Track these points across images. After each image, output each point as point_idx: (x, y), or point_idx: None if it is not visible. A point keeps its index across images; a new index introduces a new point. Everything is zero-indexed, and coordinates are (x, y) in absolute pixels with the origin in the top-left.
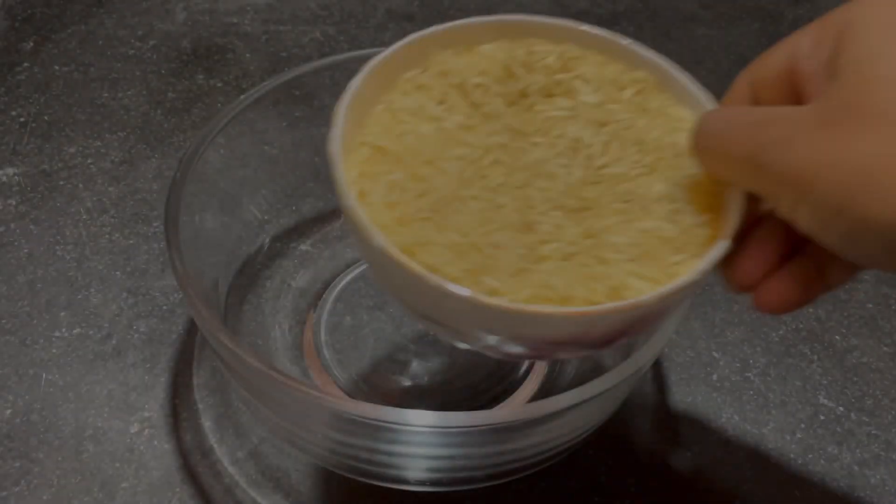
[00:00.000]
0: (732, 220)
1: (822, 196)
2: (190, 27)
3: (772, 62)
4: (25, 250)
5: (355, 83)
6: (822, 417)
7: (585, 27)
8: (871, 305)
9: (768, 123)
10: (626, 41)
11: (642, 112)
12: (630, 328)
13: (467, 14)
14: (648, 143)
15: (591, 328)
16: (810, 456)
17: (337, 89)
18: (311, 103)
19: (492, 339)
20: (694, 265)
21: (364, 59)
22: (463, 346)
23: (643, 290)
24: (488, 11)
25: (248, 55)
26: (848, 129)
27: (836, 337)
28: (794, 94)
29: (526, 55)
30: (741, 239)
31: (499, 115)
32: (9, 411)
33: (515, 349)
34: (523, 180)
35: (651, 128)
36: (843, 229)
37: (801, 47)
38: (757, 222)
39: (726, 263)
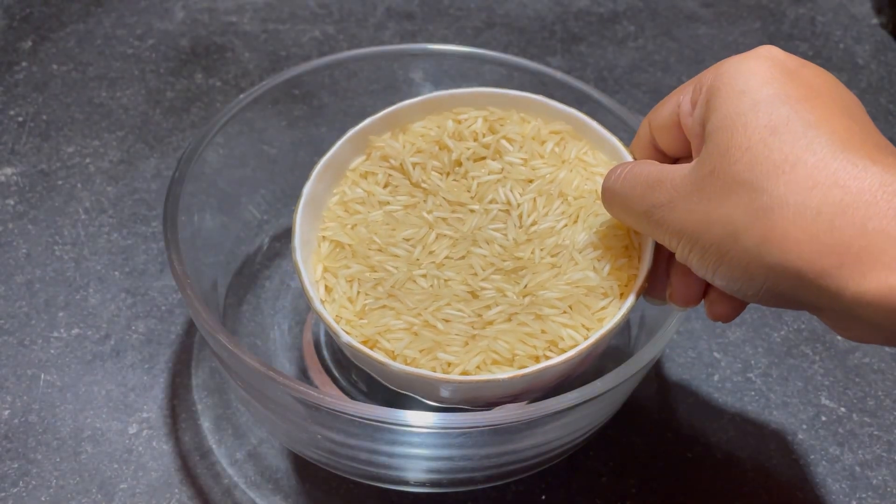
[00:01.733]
0: (646, 259)
1: (703, 250)
2: (189, 26)
3: (664, 112)
4: (23, 250)
5: (308, 188)
6: (823, 418)
7: (501, 91)
8: None
9: (656, 186)
10: (537, 98)
11: (562, 163)
12: (572, 371)
13: (466, 12)
14: (570, 193)
15: (534, 382)
16: (812, 457)
17: (336, 88)
18: (311, 102)
19: (459, 401)
20: (618, 308)
21: (364, 59)
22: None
23: (577, 340)
24: (487, 10)
25: (246, 54)
26: (715, 195)
27: (838, 337)
28: (683, 138)
29: (455, 125)
30: (669, 263)
31: (437, 190)
32: (7, 412)
33: (478, 404)
34: (465, 249)
35: (571, 178)
36: (725, 276)
37: (683, 104)
38: None
39: (669, 289)
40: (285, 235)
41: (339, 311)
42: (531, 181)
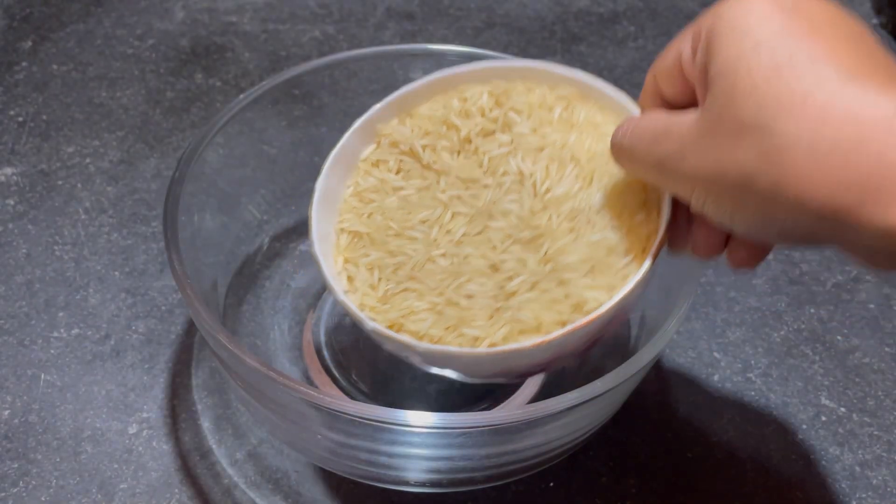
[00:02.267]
0: (665, 212)
1: (718, 198)
2: (189, 26)
3: (667, 60)
4: (24, 250)
5: (320, 182)
6: (823, 418)
7: (502, 62)
8: (872, 306)
9: (664, 137)
10: (540, 65)
11: (571, 127)
12: (602, 332)
13: (466, 12)
14: (582, 156)
15: (563, 348)
16: (812, 457)
17: (336, 88)
18: (311, 102)
19: (490, 374)
20: (640, 265)
21: (364, 59)
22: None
23: (602, 300)
24: (487, 10)
25: (246, 54)
26: (725, 141)
27: (838, 337)
28: (688, 85)
29: (461, 103)
30: (689, 214)
31: (449, 169)
32: (7, 412)
33: (512, 376)
34: (482, 224)
35: (582, 141)
36: (743, 222)
37: (683, 51)
38: None
39: (691, 240)
40: (285, 235)
41: (363, 300)
42: (542, 149)
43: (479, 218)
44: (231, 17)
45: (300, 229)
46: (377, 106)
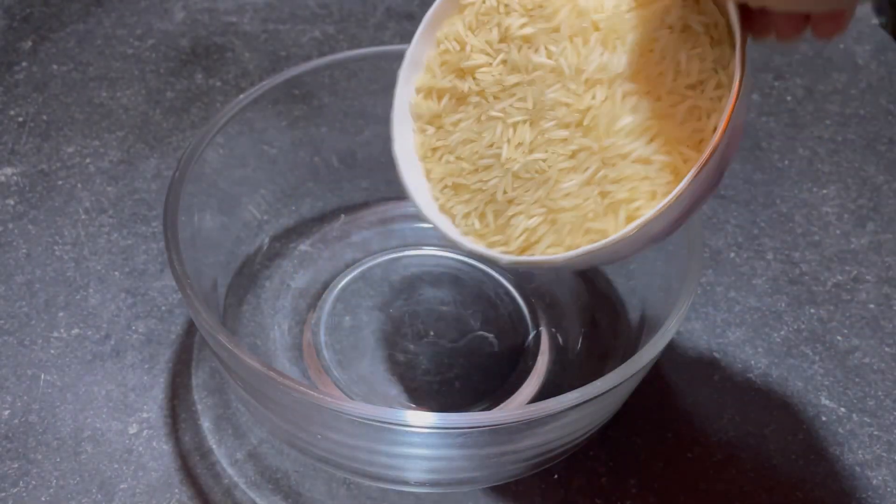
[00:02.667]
0: (731, 10)
1: None
2: (189, 26)
3: None
4: (23, 250)
5: (397, 148)
6: (823, 419)
7: None
8: (872, 306)
9: None
10: None
11: None
12: (725, 157)
13: None
14: (597, 17)
15: (696, 191)
16: (812, 457)
17: (336, 88)
18: (311, 103)
19: (636, 251)
20: (730, 73)
21: (364, 59)
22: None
23: (712, 124)
24: None
25: (247, 54)
26: None
27: (838, 338)
28: None
29: (462, 22)
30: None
31: (489, 85)
32: (7, 412)
33: (658, 241)
34: (541, 124)
35: (591, 2)
36: None
37: None
38: None
39: (771, 27)
40: (285, 235)
41: (487, 241)
42: (557, 29)
43: (538, 117)
44: (231, 17)
45: (300, 229)
46: (404, 60)
